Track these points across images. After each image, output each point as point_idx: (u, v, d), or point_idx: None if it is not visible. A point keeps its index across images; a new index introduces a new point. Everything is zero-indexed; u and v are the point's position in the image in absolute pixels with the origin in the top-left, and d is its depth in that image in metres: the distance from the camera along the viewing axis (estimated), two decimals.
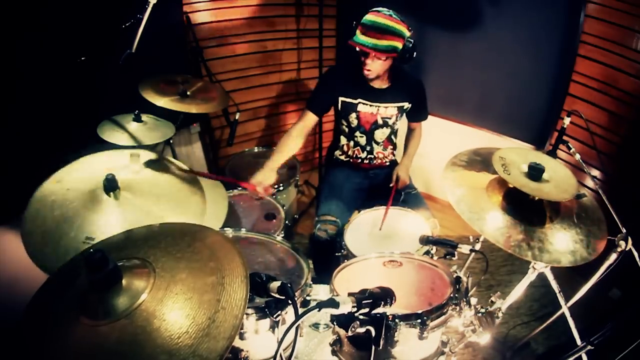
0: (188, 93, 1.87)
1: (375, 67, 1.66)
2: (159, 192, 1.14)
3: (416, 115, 1.97)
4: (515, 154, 1.29)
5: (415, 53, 1.63)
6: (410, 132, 2.06)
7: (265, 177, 1.64)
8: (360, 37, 1.58)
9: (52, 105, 1.80)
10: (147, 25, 1.43)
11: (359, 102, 1.81)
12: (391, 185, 1.84)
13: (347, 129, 1.91)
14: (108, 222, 1.03)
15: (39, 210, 1.04)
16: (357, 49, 1.61)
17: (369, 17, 1.60)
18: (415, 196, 1.88)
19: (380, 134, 1.90)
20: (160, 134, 1.75)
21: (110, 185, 1.08)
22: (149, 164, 1.23)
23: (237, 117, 2.37)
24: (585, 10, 2.06)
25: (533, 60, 2.33)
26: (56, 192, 1.09)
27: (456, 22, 2.52)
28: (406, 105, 1.86)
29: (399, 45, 1.59)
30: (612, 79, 2.08)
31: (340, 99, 1.82)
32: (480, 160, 1.40)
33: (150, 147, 2.06)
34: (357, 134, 1.89)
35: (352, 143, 1.94)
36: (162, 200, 1.13)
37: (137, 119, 1.73)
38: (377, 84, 1.80)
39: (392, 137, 1.97)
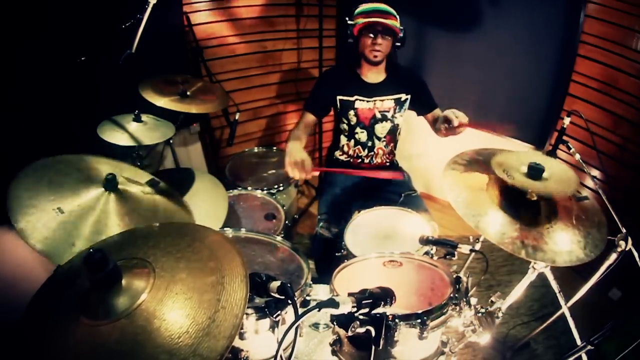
0: (188, 93, 1.87)
1: (383, 47, 1.72)
2: (149, 217, 1.14)
3: (423, 105, 1.90)
4: (512, 159, 1.29)
5: (405, 36, 1.77)
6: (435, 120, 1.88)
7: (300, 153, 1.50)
8: (370, 18, 1.66)
9: (52, 105, 1.80)
10: (147, 25, 1.43)
11: (356, 99, 1.84)
12: (450, 125, 1.55)
13: (347, 127, 1.92)
14: (85, 209, 1.05)
15: (45, 166, 1.10)
16: (375, 22, 1.66)
17: (366, 6, 1.70)
18: (416, 199, 1.88)
19: (381, 129, 1.91)
20: (160, 134, 1.75)
21: (109, 184, 1.09)
22: (160, 190, 1.24)
23: (237, 117, 2.37)
24: (585, 10, 2.06)
25: (533, 60, 2.33)
26: (71, 164, 1.14)
27: (456, 22, 2.52)
28: (403, 96, 1.88)
29: (398, 24, 1.70)
30: (612, 79, 2.08)
31: (338, 97, 1.86)
32: (482, 160, 1.40)
33: (150, 147, 2.07)
34: (358, 130, 1.91)
35: (352, 142, 1.95)
36: (157, 214, 1.14)
37: (137, 119, 1.73)
38: (372, 79, 1.85)
39: (395, 132, 1.97)
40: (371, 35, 1.69)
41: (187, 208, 1.27)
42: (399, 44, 1.76)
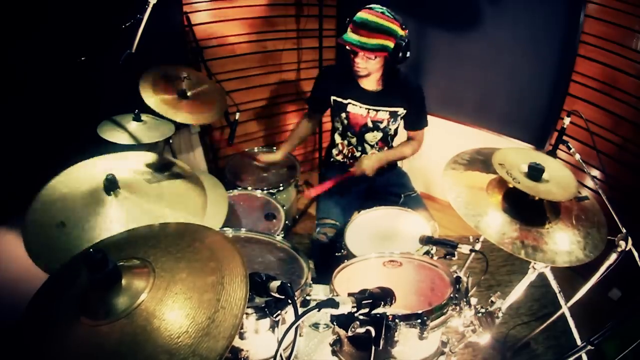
0: (188, 94, 1.84)
1: (365, 66, 1.62)
2: (159, 191, 1.15)
3: (411, 122, 1.88)
4: (512, 157, 1.29)
5: (408, 53, 1.60)
6: (407, 140, 1.97)
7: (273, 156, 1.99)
8: (349, 35, 1.57)
9: (53, 105, 1.80)
10: (147, 25, 1.43)
11: (349, 103, 1.80)
12: (350, 169, 1.80)
13: (340, 127, 1.92)
14: (108, 220, 1.04)
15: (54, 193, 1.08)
16: (347, 47, 1.59)
17: (361, 14, 1.57)
18: (415, 199, 1.87)
19: (371, 137, 1.88)
20: (159, 134, 1.75)
21: (111, 185, 1.08)
22: (151, 165, 1.24)
23: (237, 117, 2.37)
24: (585, 10, 2.06)
25: (533, 60, 2.33)
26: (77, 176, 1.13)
27: (456, 22, 2.52)
28: (400, 110, 1.81)
29: (390, 44, 1.55)
30: (612, 79, 2.07)
31: (332, 98, 1.83)
32: (482, 160, 1.40)
33: (150, 147, 2.07)
34: (348, 134, 1.90)
35: (346, 142, 1.95)
36: (163, 198, 1.13)
37: (137, 119, 1.73)
38: (369, 86, 1.78)
39: (387, 139, 1.93)
40: (352, 54, 1.61)
41: (197, 180, 1.24)
42: (399, 55, 1.58)
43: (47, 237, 0.99)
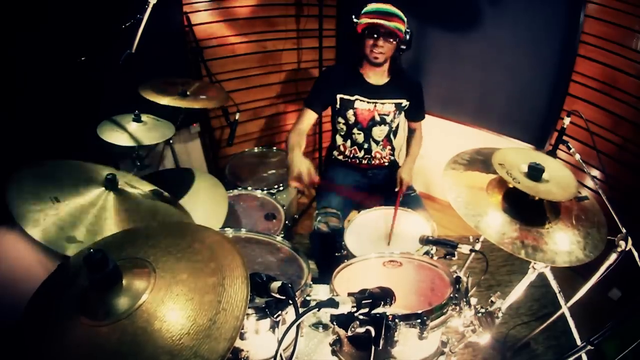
0: (188, 93, 1.87)
1: (384, 49, 1.69)
2: (147, 218, 1.15)
3: (414, 114, 1.98)
4: (512, 157, 1.29)
5: (412, 40, 1.74)
6: (411, 133, 2.06)
7: (303, 164, 1.53)
8: (372, 19, 1.65)
9: (52, 105, 1.80)
10: (147, 26, 1.43)
11: (356, 99, 1.83)
12: (396, 189, 1.78)
13: (344, 127, 1.91)
14: (85, 205, 1.07)
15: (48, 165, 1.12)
16: (371, 27, 1.66)
17: (372, 6, 1.68)
18: (415, 198, 1.88)
19: (379, 132, 1.90)
20: (160, 134, 1.75)
21: (110, 184, 1.10)
22: (159, 198, 1.25)
23: (237, 117, 2.37)
24: (585, 10, 2.06)
25: (533, 60, 2.33)
26: (73, 166, 1.18)
27: (456, 22, 2.52)
28: (404, 102, 1.87)
29: (403, 28, 1.68)
30: (612, 79, 2.08)
31: (339, 96, 1.84)
32: (482, 160, 1.40)
33: (150, 147, 2.07)
34: (355, 131, 1.90)
35: (349, 142, 1.95)
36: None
37: (137, 119, 1.73)
38: (374, 80, 1.83)
39: (391, 136, 1.97)
40: (373, 36, 1.67)
41: (187, 214, 1.26)
42: (404, 47, 1.73)
43: (41, 206, 1.00)
